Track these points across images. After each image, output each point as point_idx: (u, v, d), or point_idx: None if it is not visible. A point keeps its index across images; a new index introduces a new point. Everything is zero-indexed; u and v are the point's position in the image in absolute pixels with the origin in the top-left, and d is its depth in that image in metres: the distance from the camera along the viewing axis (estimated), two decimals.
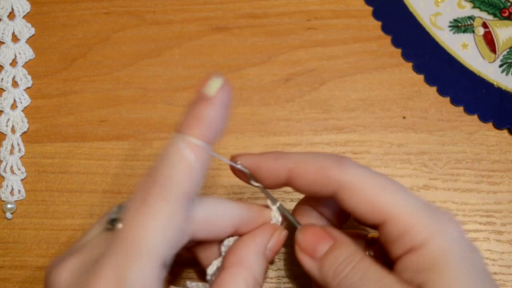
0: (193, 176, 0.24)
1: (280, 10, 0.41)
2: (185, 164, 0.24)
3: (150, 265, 0.23)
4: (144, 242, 0.23)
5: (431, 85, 0.39)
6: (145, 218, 0.23)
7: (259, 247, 0.29)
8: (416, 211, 0.26)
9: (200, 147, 0.25)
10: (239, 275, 0.27)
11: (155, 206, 0.24)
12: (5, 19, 0.41)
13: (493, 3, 0.40)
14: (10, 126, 0.39)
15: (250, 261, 0.28)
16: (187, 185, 0.24)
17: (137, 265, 0.23)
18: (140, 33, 0.41)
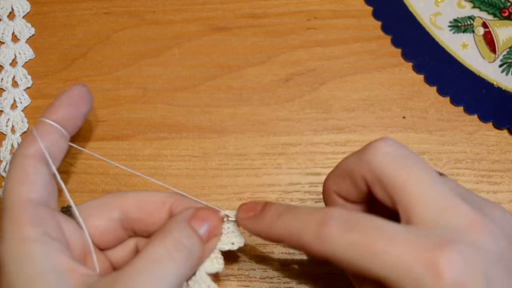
0: (35, 141, 0.30)
1: (280, 10, 0.41)
2: (30, 134, 0.30)
3: (19, 209, 0.27)
4: (12, 194, 0.28)
5: (431, 85, 0.39)
6: (6, 181, 0.29)
7: (180, 216, 0.29)
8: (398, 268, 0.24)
9: (43, 122, 0.31)
10: (159, 237, 0.28)
11: (10, 168, 0.29)
12: (5, 19, 0.41)
13: (493, 3, 0.40)
14: (10, 126, 0.39)
15: (169, 224, 0.29)
16: (30, 146, 0.30)
17: (8, 212, 0.28)
18: (140, 33, 0.41)
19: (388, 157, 0.26)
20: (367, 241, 0.24)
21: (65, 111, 0.32)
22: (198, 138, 0.39)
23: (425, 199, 0.25)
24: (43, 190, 0.29)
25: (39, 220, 0.27)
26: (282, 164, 0.38)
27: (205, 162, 0.38)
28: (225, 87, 0.40)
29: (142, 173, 0.38)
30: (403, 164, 0.26)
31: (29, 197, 0.28)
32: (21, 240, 0.26)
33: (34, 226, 0.27)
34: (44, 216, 0.28)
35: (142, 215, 0.30)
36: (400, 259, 0.23)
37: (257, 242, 0.36)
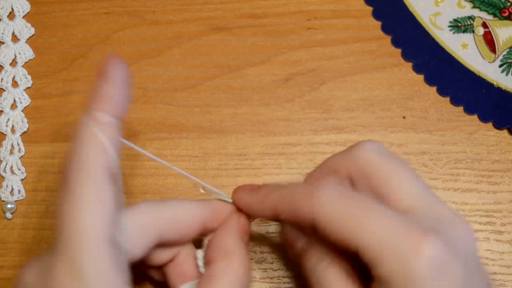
0: (104, 149, 0.25)
1: (280, 10, 0.41)
2: (94, 140, 0.25)
3: (95, 246, 0.23)
4: (79, 228, 0.23)
5: (431, 85, 0.39)
6: (71, 206, 0.24)
7: (236, 233, 0.29)
8: (387, 238, 0.24)
9: (105, 121, 0.25)
10: (228, 265, 0.28)
11: (76, 190, 0.24)
12: (5, 19, 0.41)
13: (493, 3, 0.40)
14: (10, 126, 0.39)
15: (233, 249, 0.28)
16: (100, 159, 0.24)
17: (83, 252, 0.23)
18: (140, 33, 0.41)
19: (374, 153, 0.28)
20: (359, 211, 0.25)
21: (117, 100, 0.26)
22: (198, 138, 0.39)
23: (410, 192, 0.27)
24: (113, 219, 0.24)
25: (120, 267, 0.24)
26: (282, 164, 0.38)
27: (205, 162, 0.38)
28: (225, 87, 0.40)
29: (142, 173, 0.38)
30: (388, 160, 0.28)
31: (109, 238, 0.24)
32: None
33: (117, 277, 0.24)
34: (120, 259, 0.24)
35: (177, 236, 0.29)
36: (387, 234, 0.24)
37: (257, 242, 0.36)
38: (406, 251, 0.24)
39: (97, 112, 0.25)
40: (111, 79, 0.26)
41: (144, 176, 0.38)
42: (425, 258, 0.24)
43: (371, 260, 0.25)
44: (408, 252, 0.24)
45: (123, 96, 0.26)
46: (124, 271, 0.25)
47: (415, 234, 0.24)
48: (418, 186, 0.27)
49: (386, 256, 0.24)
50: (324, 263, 0.28)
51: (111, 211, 0.24)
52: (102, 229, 0.24)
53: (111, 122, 0.25)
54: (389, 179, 0.27)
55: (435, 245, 0.24)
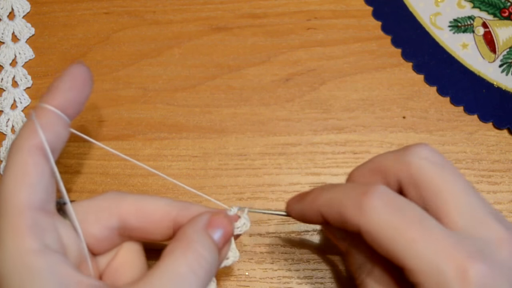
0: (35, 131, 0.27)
1: (280, 10, 0.41)
2: (29, 122, 0.27)
3: (13, 212, 0.25)
4: (1, 196, 0.25)
5: (431, 85, 0.39)
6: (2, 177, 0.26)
7: (198, 224, 0.28)
8: (434, 260, 0.24)
9: (45, 108, 0.27)
10: (178, 248, 0.26)
11: (6, 165, 0.26)
12: (5, 19, 0.41)
13: (493, 3, 0.40)
14: (10, 126, 0.39)
15: (188, 235, 0.27)
16: (30, 140, 0.26)
17: (1, 217, 0.25)
18: (140, 33, 0.41)
19: (428, 161, 0.27)
20: (407, 225, 0.25)
21: (67, 95, 0.28)
22: (198, 138, 0.39)
23: (460, 207, 0.26)
24: (44, 192, 0.26)
25: (40, 229, 0.25)
26: (282, 164, 0.38)
27: (205, 162, 0.38)
28: (225, 87, 0.40)
29: (142, 173, 0.38)
30: (441, 170, 0.27)
31: (29, 201, 0.25)
32: (22, 253, 0.24)
33: (35, 237, 0.25)
34: (44, 224, 0.26)
35: (142, 225, 0.29)
36: (434, 255, 0.24)
37: (257, 243, 0.36)
38: (451, 276, 0.23)
39: (41, 104, 0.28)
40: (63, 76, 0.29)
41: (144, 176, 0.38)
42: (468, 284, 0.23)
43: (415, 279, 0.24)
44: (453, 278, 0.23)
45: (72, 92, 0.28)
46: (52, 237, 0.26)
47: (461, 257, 0.24)
48: (470, 202, 0.26)
49: (431, 278, 0.24)
50: (368, 265, 0.28)
51: (35, 182, 0.26)
52: (23, 197, 0.25)
53: (51, 110, 0.27)
54: (440, 192, 0.26)
55: (480, 270, 0.23)
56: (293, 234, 0.36)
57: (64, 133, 0.28)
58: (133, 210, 0.29)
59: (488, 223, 0.26)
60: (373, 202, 0.25)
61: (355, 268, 0.29)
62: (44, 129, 0.27)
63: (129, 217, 0.28)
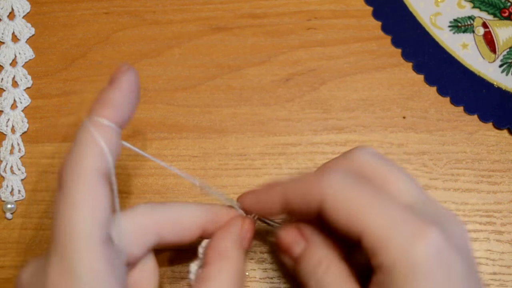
0: (101, 152, 0.25)
1: (280, 10, 0.41)
2: (92, 143, 0.25)
3: (88, 246, 0.24)
4: (72, 228, 0.24)
5: (431, 85, 0.39)
6: (65, 206, 0.24)
7: (235, 237, 0.29)
8: (392, 225, 0.25)
9: (105, 125, 0.25)
10: (222, 268, 0.28)
11: (70, 191, 0.24)
12: (5, 19, 0.41)
13: (493, 3, 0.40)
14: (10, 126, 0.39)
15: (229, 252, 0.28)
16: (96, 162, 0.25)
17: (77, 251, 0.23)
18: (140, 33, 0.41)
19: (370, 155, 0.29)
20: (365, 196, 0.26)
21: (121, 107, 0.26)
22: (198, 138, 0.39)
23: (408, 190, 0.28)
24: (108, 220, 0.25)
25: (113, 267, 0.24)
26: (282, 164, 0.38)
27: (205, 162, 0.38)
28: (225, 87, 0.40)
29: (142, 173, 0.38)
30: (383, 161, 0.29)
31: (103, 239, 0.24)
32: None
33: (112, 278, 0.24)
34: (114, 259, 0.24)
35: (177, 237, 0.29)
36: (391, 221, 0.25)
37: (257, 243, 0.36)
38: (410, 238, 0.24)
39: (99, 118, 0.26)
40: (117, 85, 0.27)
41: (144, 176, 0.38)
42: (429, 247, 0.24)
43: (374, 247, 0.25)
44: (412, 239, 0.24)
45: (127, 104, 0.27)
46: (119, 271, 0.25)
47: (419, 223, 0.25)
48: (414, 186, 0.28)
49: (390, 242, 0.24)
50: (323, 265, 0.28)
51: (105, 211, 0.25)
52: (95, 229, 0.24)
53: (111, 128, 0.26)
54: (386, 178, 0.28)
55: (438, 235, 0.24)
56: None
57: (119, 150, 0.27)
58: (169, 225, 0.28)
59: (434, 204, 0.28)
60: (334, 176, 0.27)
61: (310, 269, 0.28)
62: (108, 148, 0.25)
63: (165, 233, 0.28)
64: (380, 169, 0.28)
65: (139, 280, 0.29)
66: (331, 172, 0.27)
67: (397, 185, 0.28)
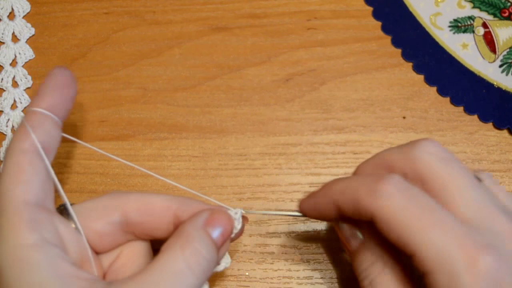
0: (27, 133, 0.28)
1: (280, 10, 0.41)
2: (21, 125, 0.28)
3: (11, 208, 0.26)
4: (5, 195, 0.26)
5: (431, 85, 0.39)
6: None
7: (198, 222, 0.28)
8: (444, 250, 0.24)
9: (35, 111, 0.29)
10: (176, 244, 0.27)
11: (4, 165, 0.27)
12: (5, 19, 0.41)
13: (493, 3, 0.40)
14: (10, 126, 0.39)
15: (188, 231, 0.27)
16: (22, 141, 0.28)
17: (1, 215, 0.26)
18: (140, 33, 0.41)
19: (433, 156, 0.27)
20: (420, 212, 0.25)
21: (54, 96, 0.29)
22: (198, 138, 0.39)
23: (467, 201, 0.26)
24: (40, 190, 0.27)
25: (37, 223, 0.26)
26: (282, 164, 0.38)
27: (205, 162, 0.38)
28: (225, 87, 0.40)
29: (142, 173, 0.38)
30: (446, 164, 0.27)
31: (25, 198, 0.26)
32: (20, 247, 0.25)
33: (32, 231, 0.25)
34: (41, 219, 0.26)
35: (144, 219, 0.29)
36: (445, 242, 0.24)
37: (257, 243, 0.36)
38: (460, 265, 0.24)
39: (30, 107, 0.29)
40: (48, 79, 0.30)
41: (144, 176, 0.38)
42: (478, 275, 0.24)
43: (424, 267, 0.25)
44: (463, 267, 0.24)
45: (58, 94, 0.29)
46: (50, 231, 0.26)
47: (471, 247, 0.24)
48: (477, 196, 0.26)
49: (440, 266, 0.24)
50: (378, 264, 0.28)
51: (30, 178, 0.27)
52: (19, 193, 0.26)
53: (40, 112, 0.29)
54: (447, 186, 0.27)
55: (490, 261, 0.24)
56: (293, 235, 0.36)
57: (56, 133, 0.29)
58: (135, 205, 0.29)
59: (495, 215, 0.26)
60: (388, 187, 0.26)
61: (365, 267, 0.29)
62: (34, 129, 0.28)
63: (130, 212, 0.29)
64: (441, 174, 0.27)
65: (122, 269, 0.29)
66: (384, 183, 0.26)
67: (457, 194, 0.26)
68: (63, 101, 0.30)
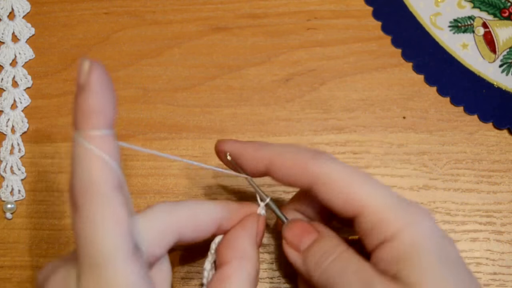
0: (107, 166, 0.24)
1: (280, 10, 0.41)
2: (95, 159, 0.24)
3: (121, 261, 0.23)
4: (101, 246, 0.23)
5: (431, 85, 0.39)
6: (87, 226, 0.24)
7: (251, 236, 0.29)
8: (389, 203, 0.27)
9: (100, 135, 0.24)
10: (242, 267, 0.28)
11: (89, 211, 0.23)
12: (5, 19, 0.41)
13: (493, 3, 0.40)
14: (10, 126, 0.39)
15: (248, 251, 0.29)
16: (107, 178, 0.24)
17: (111, 268, 0.23)
18: (140, 33, 0.41)
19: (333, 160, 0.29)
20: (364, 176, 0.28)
21: (110, 109, 0.24)
22: (198, 138, 0.39)
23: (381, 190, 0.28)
24: (131, 229, 0.24)
25: (145, 275, 0.24)
26: None
27: (205, 162, 0.38)
28: (225, 87, 0.40)
29: (142, 173, 0.38)
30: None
31: (132, 249, 0.24)
32: None
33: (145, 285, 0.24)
34: (144, 267, 0.25)
35: (196, 236, 0.29)
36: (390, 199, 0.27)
37: None
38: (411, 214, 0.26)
39: (89, 130, 0.24)
40: (90, 88, 0.24)
41: (144, 176, 0.38)
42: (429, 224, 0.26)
43: (376, 220, 0.26)
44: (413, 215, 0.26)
45: (107, 103, 0.24)
46: (148, 275, 0.25)
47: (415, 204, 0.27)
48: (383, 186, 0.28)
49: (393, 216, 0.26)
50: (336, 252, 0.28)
51: (127, 222, 0.24)
52: (122, 242, 0.24)
53: (105, 135, 0.24)
54: None
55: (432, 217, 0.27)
56: None
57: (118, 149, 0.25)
58: (189, 224, 0.28)
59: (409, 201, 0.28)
60: (327, 155, 0.28)
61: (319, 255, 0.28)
62: (113, 160, 0.24)
63: (185, 232, 0.28)
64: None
65: (155, 281, 0.28)
66: (322, 154, 0.28)
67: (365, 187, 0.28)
68: (112, 108, 0.24)
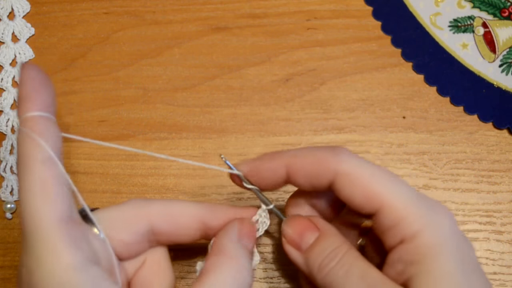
0: (34, 142, 0.25)
1: (280, 10, 0.41)
2: (23, 137, 0.26)
3: (44, 228, 0.24)
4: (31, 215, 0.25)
5: (431, 85, 0.39)
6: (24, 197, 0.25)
7: (232, 235, 0.29)
8: (410, 201, 0.26)
9: (30, 117, 0.26)
10: (219, 262, 0.27)
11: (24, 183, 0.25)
12: (5, 19, 0.41)
13: (493, 3, 0.40)
14: (10, 126, 0.39)
15: (228, 248, 0.28)
16: (32, 152, 0.25)
17: (35, 236, 0.24)
18: (139, 33, 0.41)
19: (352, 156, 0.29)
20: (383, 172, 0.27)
21: (43, 95, 0.27)
22: (198, 138, 0.39)
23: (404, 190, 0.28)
24: (68, 202, 0.25)
25: (74, 242, 0.25)
26: None
27: (205, 162, 0.38)
28: (225, 87, 0.40)
29: (141, 173, 0.38)
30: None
31: (59, 216, 0.25)
32: (61, 270, 0.24)
33: (71, 251, 0.24)
34: (76, 235, 0.25)
35: (171, 228, 0.29)
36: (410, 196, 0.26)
37: (257, 243, 0.36)
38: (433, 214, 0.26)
39: (23, 114, 0.26)
40: (22, 81, 0.27)
41: (144, 176, 0.38)
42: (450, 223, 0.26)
43: (397, 217, 0.26)
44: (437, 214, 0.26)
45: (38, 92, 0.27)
46: (87, 247, 0.25)
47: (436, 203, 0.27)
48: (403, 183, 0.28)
49: (414, 213, 0.26)
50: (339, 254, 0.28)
51: (58, 194, 0.25)
52: (51, 211, 0.25)
53: (35, 116, 0.26)
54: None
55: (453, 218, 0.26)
56: None
57: (58, 133, 0.27)
58: (162, 214, 0.29)
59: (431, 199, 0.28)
60: (346, 150, 0.28)
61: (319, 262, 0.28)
62: (42, 136, 0.26)
63: (157, 221, 0.29)
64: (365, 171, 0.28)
65: (148, 278, 0.29)
66: (341, 149, 0.28)
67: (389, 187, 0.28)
68: (51, 98, 0.27)
